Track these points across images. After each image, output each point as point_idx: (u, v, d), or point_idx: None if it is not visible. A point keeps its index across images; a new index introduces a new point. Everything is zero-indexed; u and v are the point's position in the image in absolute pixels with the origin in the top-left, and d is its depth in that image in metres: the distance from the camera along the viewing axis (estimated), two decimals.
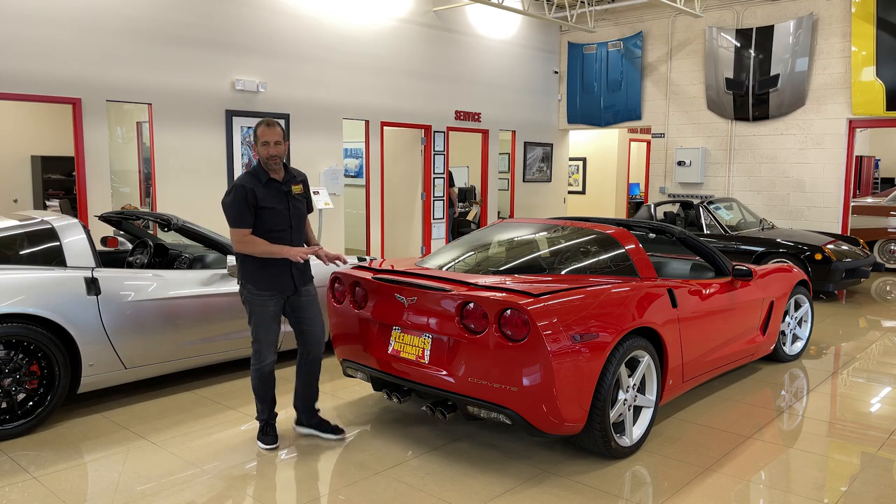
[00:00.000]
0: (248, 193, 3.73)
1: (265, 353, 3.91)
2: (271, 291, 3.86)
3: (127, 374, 4.62)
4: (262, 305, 3.86)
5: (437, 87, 11.00)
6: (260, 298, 3.85)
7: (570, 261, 4.34)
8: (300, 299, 3.98)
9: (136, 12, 7.47)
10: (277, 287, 3.87)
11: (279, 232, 3.85)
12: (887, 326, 7.30)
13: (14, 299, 4.01)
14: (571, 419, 3.56)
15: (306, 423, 4.17)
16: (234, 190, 3.76)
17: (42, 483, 3.55)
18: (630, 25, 12.67)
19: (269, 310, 3.87)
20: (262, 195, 3.77)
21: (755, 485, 3.61)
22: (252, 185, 3.76)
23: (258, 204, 3.76)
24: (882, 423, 4.50)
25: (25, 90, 6.79)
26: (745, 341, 5.16)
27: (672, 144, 12.36)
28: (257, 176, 3.81)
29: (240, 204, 3.73)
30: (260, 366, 3.91)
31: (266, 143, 3.77)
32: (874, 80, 10.12)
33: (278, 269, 3.86)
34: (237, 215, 3.74)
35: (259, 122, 3.80)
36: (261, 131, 3.77)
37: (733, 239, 8.80)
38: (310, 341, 4.04)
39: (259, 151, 3.79)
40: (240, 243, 3.77)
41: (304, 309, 4.00)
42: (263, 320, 3.87)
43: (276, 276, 3.86)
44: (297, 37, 8.98)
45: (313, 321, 4.02)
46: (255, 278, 3.84)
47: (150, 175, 7.97)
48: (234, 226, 3.76)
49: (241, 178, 3.81)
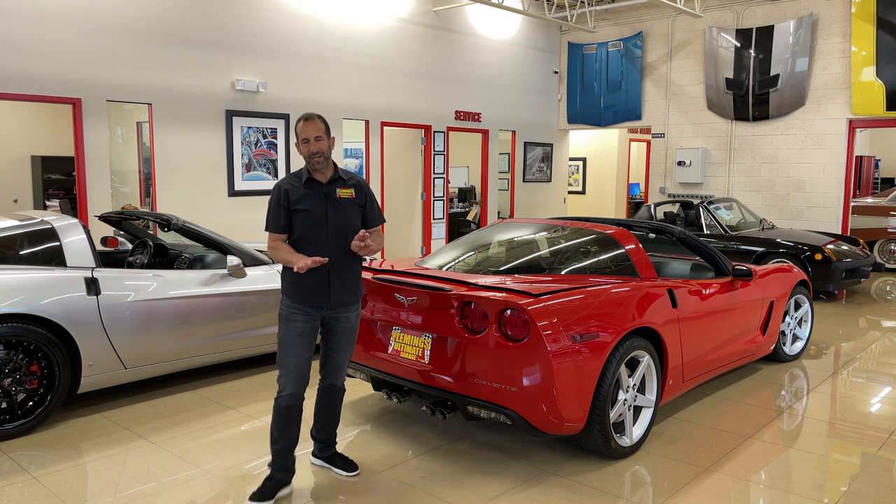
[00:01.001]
0: (283, 194, 3.35)
1: (286, 381, 3.34)
2: (303, 306, 3.37)
3: (127, 374, 4.62)
4: (288, 319, 3.37)
5: (437, 87, 10.99)
6: (289, 311, 3.39)
7: (570, 261, 4.34)
8: (337, 324, 3.47)
9: (137, 12, 7.47)
10: (309, 301, 3.37)
11: (313, 239, 3.36)
12: (887, 326, 7.30)
13: (14, 299, 4.01)
14: (571, 419, 3.56)
15: (319, 454, 3.75)
16: (273, 190, 3.44)
17: (42, 483, 3.55)
18: (630, 25, 12.67)
19: (297, 326, 3.36)
20: (297, 196, 3.34)
21: (755, 485, 3.61)
22: (290, 184, 3.37)
23: (291, 206, 3.34)
24: (882, 423, 4.50)
25: (25, 90, 6.79)
26: (745, 341, 5.16)
27: (672, 144, 12.36)
28: (299, 175, 3.41)
29: (273, 205, 3.38)
30: (278, 397, 3.37)
31: (306, 141, 3.32)
32: (874, 80, 10.12)
33: (316, 280, 3.36)
34: (269, 217, 3.40)
35: (298, 118, 3.38)
36: (300, 127, 3.34)
37: (733, 239, 8.80)
38: (329, 367, 3.55)
39: (300, 149, 3.36)
40: (269, 248, 3.39)
41: (335, 335, 3.49)
42: (287, 339, 3.36)
43: (312, 290, 3.36)
44: (297, 37, 8.98)
45: (341, 349, 3.53)
46: (289, 290, 3.41)
47: (150, 175, 7.97)
48: (266, 228, 3.42)
49: (284, 177, 3.50)
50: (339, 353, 3.53)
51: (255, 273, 5.29)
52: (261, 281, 5.26)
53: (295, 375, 3.34)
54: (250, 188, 8.64)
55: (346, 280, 3.44)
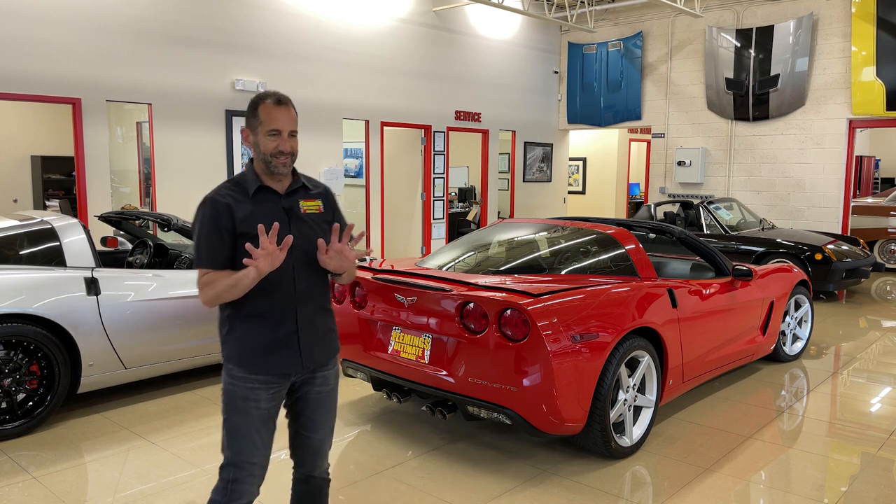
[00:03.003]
0: (222, 212, 2.27)
1: (242, 482, 2.32)
2: (265, 375, 2.32)
3: (127, 374, 4.62)
4: (245, 399, 2.30)
5: (437, 87, 10.99)
6: (245, 388, 2.30)
7: (570, 261, 4.34)
8: (311, 390, 2.44)
9: (137, 12, 7.47)
10: (275, 366, 2.33)
11: (270, 275, 2.26)
12: (887, 326, 7.30)
13: (14, 299, 4.01)
14: (571, 419, 3.56)
15: None
16: (200, 207, 2.30)
17: (42, 483, 3.55)
18: (630, 25, 12.67)
19: (261, 409, 2.32)
20: (244, 213, 2.29)
21: (755, 485, 3.61)
22: (230, 197, 2.30)
23: (236, 228, 2.27)
24: (882, 423, 4.50)
25: (25, 90, 6.79)
26: (745, 341, 5.16)
27: (672, 144, 12.36)
28: (243, 183, 2.35)
29: (208, 228, 2.27)
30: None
31: (275, 133, 2.29)
32: (874, 80, 10.12)
33: (280, 333, 2.34)
34: (199, 246, 2.28)
35: (261, 98, 2.31)
36: (270, 113, 2.28)
37: (733, 239, 8.80)
38: (304, 450, 2.50)
39: (261, 144, 2.30)
40: (200, 291, 2.26)
41: (310, 406, 2.45)
42: (244, 427, 2.31)
43: (276, 348, 2.33)
44: (297, 37, 8.98)
45: (318, 424, 2.48)
46: (240, 353, 2.31)
47: (150, 175, 7.97)
48: (197, 264, 2.29)
49: (218, 187, 2.35)
50: (317, 429, 2.47)
51: None
52: None
53: (260, 478, 2.37)
54: None
55: (321, 328, 2.43)
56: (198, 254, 2.29)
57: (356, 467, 3.77)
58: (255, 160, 2.37)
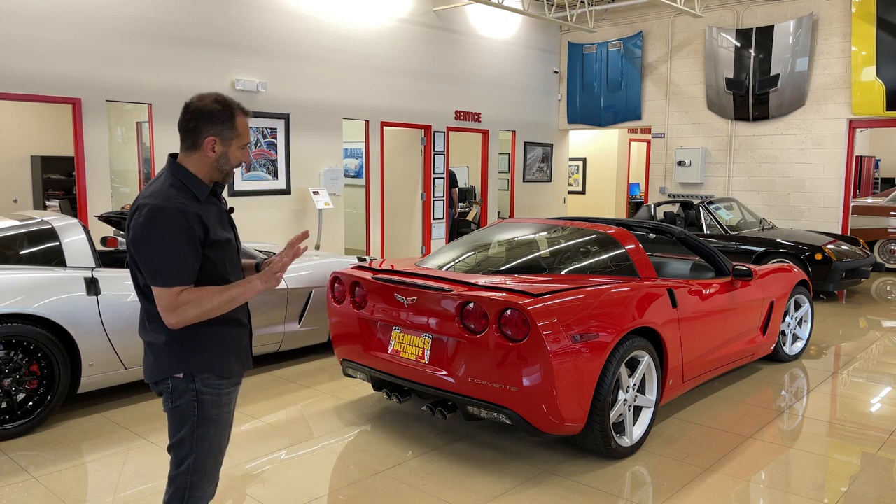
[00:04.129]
0: (194, 222, 2.15)
1: (202, 488, 2.30)
2: (236, 377, 2.34)
3: (127, 374, 4.62)
4: (220, 407, 2.28)
5: (437, 87, 10.99)
6: (220, 396, 2.28)
7: (570, 261, 4.34)
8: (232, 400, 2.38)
9: (137, 12, 7.47)
10: (238, 364, 2.35)
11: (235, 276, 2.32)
12: (887, 326, 7.30)
13: (14, 299, 4.01)
14: (571, 419, 3.56)
15: None
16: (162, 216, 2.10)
17: (42, 483, 3.55)
18: (630, 25, 12.67)
19: (229, 414, 2.34)
20: (210, 222, 2.21)
21: (755, 485, 3.61)
22: (192, 204, 2.18)
23: (208, 237, 2.19)
24: (882, 423, 4.50)
25: (25, 90, 6.79)
26: (745, 341, 5.16)
27: (672, 144, 12.36)
28: (193, 189, 2.22)
29: (183, 241, 2.12)
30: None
31: (245, 146, 2.32)
32: (874, 80, 10.12)
33: (242, 335, 2.38)
34: (174, 262, 2.10)
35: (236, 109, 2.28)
36: (243, 126, 2.29)
37: (733, 239, 8.80)
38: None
39: (230, 155, 2.27)
40: (174, 311, 2.10)
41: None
42: (216, 434, 2.28)
43: (239, 346, 2.35)
44: (297, 37, 8.98)
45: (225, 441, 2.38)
46: (210, 358, 2.25)
47: (150, 175, 7.97)
48: (166, 283, 2.09)
49: (162, 194, 2.15)
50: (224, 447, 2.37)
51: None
52: None
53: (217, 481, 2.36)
54: (250, 188, 8.64)
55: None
56: (170, 270, 2.09)
57: (356, 467, 3.77)
58: (199, 166, 2.24)
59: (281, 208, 9.02)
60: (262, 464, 3.80)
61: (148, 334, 2.27)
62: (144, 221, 2.11)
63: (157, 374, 2.24)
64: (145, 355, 2.30)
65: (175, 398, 2.22)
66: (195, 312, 2.12)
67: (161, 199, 2.13)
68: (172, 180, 2.21)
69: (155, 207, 2.11)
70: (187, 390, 2.22)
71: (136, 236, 2.12)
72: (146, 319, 2.28)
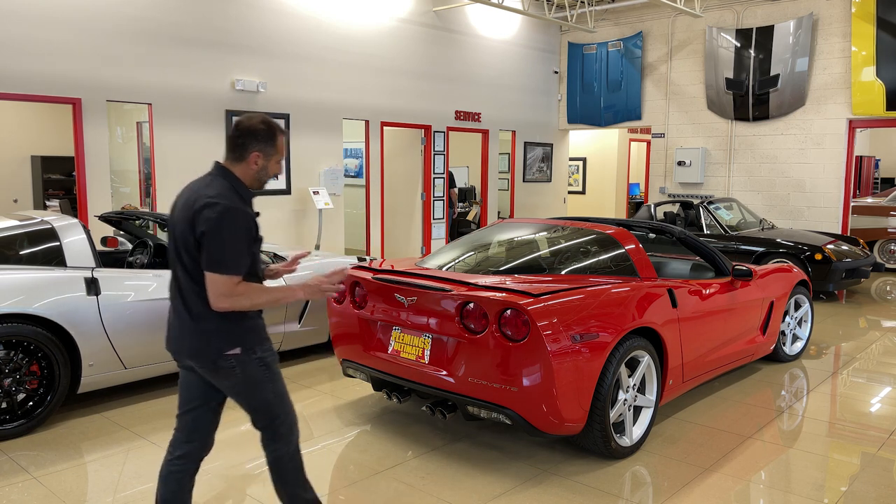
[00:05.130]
0: (252, 223, 2.57)
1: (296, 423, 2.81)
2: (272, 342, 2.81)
3: (127, 374, 4.62)
4: (277, 363, 2.75)
5: (437, 87, 10.99)
6: (272, 359, 2.72)
7: (570, 261, 4.34)
8: None
9: (137, 12, 7.47)
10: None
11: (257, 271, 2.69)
12: (887, 326, 7.30)
13: (14, 299, 4.01)
14: (571, 419, 3.56)
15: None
16: (232, 214, 2.49)
17: (42, 483, 3.55)
18: (630, 25, 12.67)
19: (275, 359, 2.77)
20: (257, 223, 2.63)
21: (755, 485, 3.61)
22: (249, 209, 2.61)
23: (256, 237, 2.61)
24: (882, 423, 4.50)
25: (25, 90, 6.79)
26: (745, 341, 5.16)
27: (672, 144, 12.36)
28: (245, 194, 2.63)
29: (243, 237, 2.52)
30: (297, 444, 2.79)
31: (280, 162, 2.73)
32: (874, 80, 10.12)
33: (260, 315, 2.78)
34: (235, 255, 2.49)
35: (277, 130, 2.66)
36: (282, 144, 2.69)
37: (733, 239, 8.80)
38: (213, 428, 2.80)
39: (269, 168, 2.68)
40: (228, 297, 2.48)
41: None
42: (283, 385, 2.75)
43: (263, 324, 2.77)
44: (297, 37, 8.98)
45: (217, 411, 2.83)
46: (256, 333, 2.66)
47: (150, 175, 7.97)
48: (228, 271, 2.46)
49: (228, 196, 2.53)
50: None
51: None
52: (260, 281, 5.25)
53: None
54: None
55: None
56: (233, 263, 2.47)
57: (356, 467, 3.77)
58: (244, 175, 2.64)
59: (281, 208, 9.02)
60: (261, 464, 3.80)
61: (195, 321, 2.58)
62: (218, 218, 2.45)
63: (216, 354, 2.57)
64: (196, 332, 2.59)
65: (242, 369, 2.60)
66: (245, 303, 2.50)
67: (229, 200, 2.51)
68: (229, 184, 2.58)
69: (227, 207, 2.47)
70: (251, 360, 2.61)
71: (208, 229, 2.45)
72: (190, 305, 2.58)
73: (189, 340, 2.61)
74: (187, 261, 2.55)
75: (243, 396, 2.66)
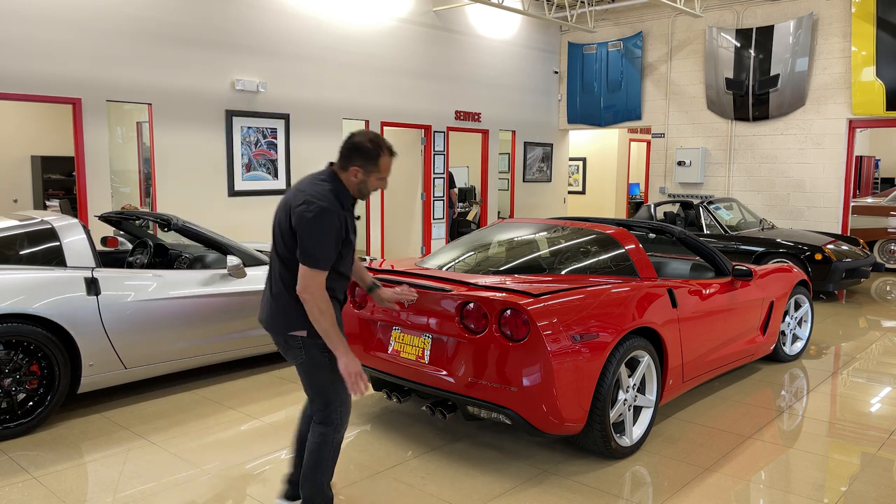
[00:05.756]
0: (342, 225, 2.78)
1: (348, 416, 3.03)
2: None
3: (127, 374, 4.62)
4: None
5: (437, 87, 10.99)
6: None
7: (570, 261, 4.34)
8: None
9: (137, 12, 7.47)
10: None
11: (345, 271, 2.95)
12: (887, 326, 7.30)
13: (14, 299, 4.01)
14: (571, 419, 3.56)
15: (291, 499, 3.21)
16: (326, 215, 2.72)
17: (42, 483, 3.55)
18: (630, 25, 12.67)
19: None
20: (349, 225, 2.87)
21: (755, 485, 3.61)
22: (345, 210, 2.83)
23: (346, 238, 2.84)
24: (882, 423, 4.50)
25: (25, 90, 6.79)
26: (745, 341, 5.16)
27: (672, 144, 12.36)
28: (341, 198, 2.83)
29: (333, 237, 2.75)
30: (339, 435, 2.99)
31: (384, 179, 2.92)
32: (874, 80, 10.12)
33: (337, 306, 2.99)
34: (325, 253, 2.74)
35: (382, 147, 2.85)
36: (385, 164, 2.87)
37: (733, 239, 8.80)
38: None
39: (369, 183, 2.87)
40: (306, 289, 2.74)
41: None
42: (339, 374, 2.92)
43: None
44: (297, 37, 8.98)
45: None
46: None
47: (150, 175, 7.97)
48: (313, 265, 2.73)
49: (325, 196, 2.77)
50: None
51: (255, 273, 5.29)
52: (261, 281, 5.26)
53: None
54: (250, 188, 8.64)
55: None
56: (321, 258, 2.73)
57: (356, 467, 3.77)
58: (346, 182, 2.87)
59: None
60: (262, 464, 3.80)
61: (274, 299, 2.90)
62: (314, 217, 2.71)
63: (285, 331, 2.87)
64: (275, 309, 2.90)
65: (306, 352, 2.87)
66: (312, 307, 2.73)
67: (327, 202, 2.75)
68: (331, 187, 2.82)
69: (323, 208, 2.72)
70: (314, 344, 2.85)
71: (303, 226, 2.72)
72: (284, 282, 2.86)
73: (267, 314, 2.95)
74: (280, 246, 2.84)
75: (305, 377, 2.93)
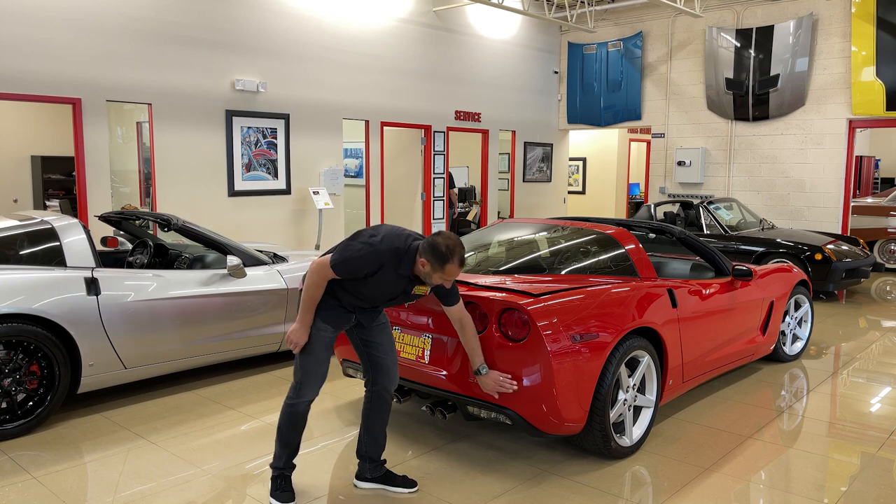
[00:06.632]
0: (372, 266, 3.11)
1: (308, 387, 3.30)
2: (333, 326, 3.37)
3: (127, 374, 4.62)
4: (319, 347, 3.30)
5: (437, 87, 11.00)
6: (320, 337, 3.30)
7: (570, 261, 4.34)
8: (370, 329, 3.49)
9: (136, 12, 7.48)
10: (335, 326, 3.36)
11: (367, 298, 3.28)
12: (887, 326, 7.30)
13: (14, 299, 4.01)
14: (571, 419, 3.56)
15: (371, 475, 3.54)
16: (372, 251, 3.10)
17: (42, 483, 3.55)
18: (630, 25, 12.67)
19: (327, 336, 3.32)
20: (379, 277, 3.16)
21: (755, 485, 3.61)
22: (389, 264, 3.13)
23: (369, 276, 3.15)
24: (882, 423, 4.50)
25: (25, 90, 6.79)
26: (745, 341, 5.16)
27: (672, 144, 12.36)
28: (404, 261, 3.14)
29: (361, 263, 3.10)
30: (297, 401, 3.29)
31: (447, 280, 3.16)
32: (874, 80, 10.12)
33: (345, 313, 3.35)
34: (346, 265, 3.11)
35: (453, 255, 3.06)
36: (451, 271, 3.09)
37: (733, 239, 8.80)
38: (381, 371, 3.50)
39: (433, 277, 3.12)
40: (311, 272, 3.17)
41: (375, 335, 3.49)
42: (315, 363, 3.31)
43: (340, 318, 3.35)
44: (297, 37, 8.98)
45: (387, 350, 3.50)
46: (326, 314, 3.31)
47: (150, 175, 7.98)
48: (333, 264, 3.11)
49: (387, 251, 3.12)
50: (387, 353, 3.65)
51: (255, 273, 5.29)
52: (261, 281, 5.26)
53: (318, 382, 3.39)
54: (250, 188, 8.64)
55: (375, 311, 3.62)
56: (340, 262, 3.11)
57: (356, 467, 3.77)
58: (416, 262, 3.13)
59: (281, 208, 9.02)
60: (262, 464, 3.80)
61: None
62: (362, 245, 3.12)
63: None
64: None
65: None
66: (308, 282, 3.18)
67: (383, 246, 3.11)
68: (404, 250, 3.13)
69: (375, 249, 3.10)
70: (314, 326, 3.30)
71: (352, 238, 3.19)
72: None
73: None
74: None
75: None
